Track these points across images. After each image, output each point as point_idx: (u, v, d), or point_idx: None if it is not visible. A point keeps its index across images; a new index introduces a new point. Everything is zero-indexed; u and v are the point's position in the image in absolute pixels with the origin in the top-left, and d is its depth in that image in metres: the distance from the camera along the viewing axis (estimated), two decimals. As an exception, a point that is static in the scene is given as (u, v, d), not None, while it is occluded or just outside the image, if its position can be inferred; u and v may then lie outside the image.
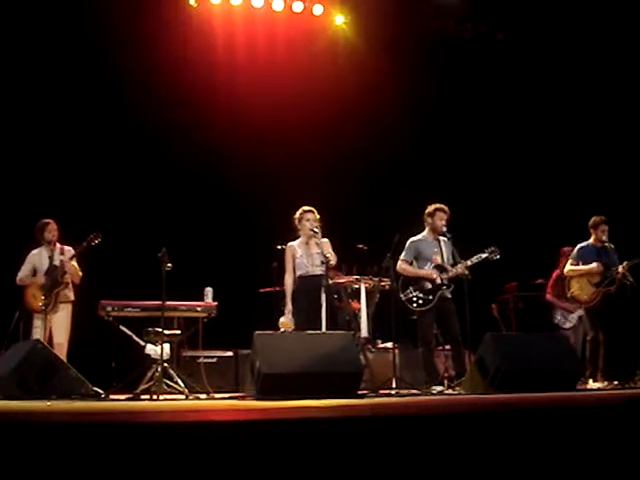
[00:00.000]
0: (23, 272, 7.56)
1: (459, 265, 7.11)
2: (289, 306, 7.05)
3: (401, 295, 7.19)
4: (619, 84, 10.17)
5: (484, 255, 7.19)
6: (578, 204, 9.43)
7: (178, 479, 2.66)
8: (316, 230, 7.02)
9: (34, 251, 7.59)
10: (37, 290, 7.43)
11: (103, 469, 2.62)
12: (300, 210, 7.22)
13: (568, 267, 8.13)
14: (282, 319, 7.01)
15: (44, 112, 9.05)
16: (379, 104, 9.86)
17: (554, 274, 8.84)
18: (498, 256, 7.24)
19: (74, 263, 7.49)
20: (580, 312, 8.38)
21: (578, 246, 8.13)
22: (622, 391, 6.80)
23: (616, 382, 7.55)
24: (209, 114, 9.55)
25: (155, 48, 9.25)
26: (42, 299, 7.31)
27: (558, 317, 8.82)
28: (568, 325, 8.68)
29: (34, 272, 7.54)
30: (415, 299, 7.14)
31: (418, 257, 7.30)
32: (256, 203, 9.41)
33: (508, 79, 10.64)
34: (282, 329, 6.99)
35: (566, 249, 8.64)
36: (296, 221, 7.22)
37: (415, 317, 7.18)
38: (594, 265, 7.90)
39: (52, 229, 7.53)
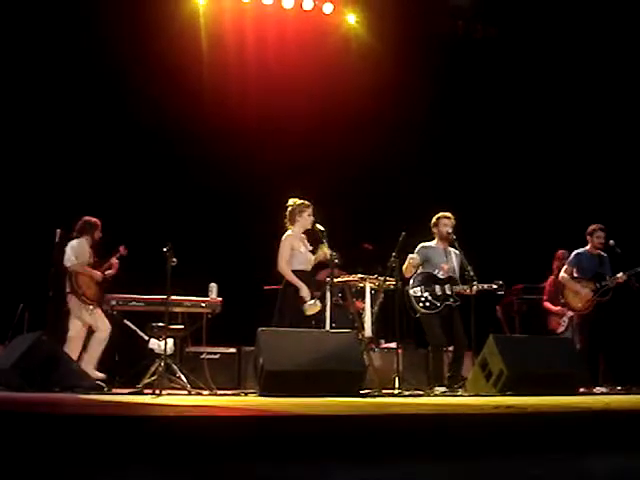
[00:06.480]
0: (80, 260, 7.49)
1: (470, 286, 7.08)
2: (305, 289, 6.82)
3: (410, 291, 7.17)
4: (626, 90, 10.16)
5: (494, 287, 7.19)
6: (584, 207, 9.41)
7: (178, 474, 2.66)
8: (322, 229, 6.98)
9: (82, 242, 7.57)
10: (90, 280, 7.45)
11: (104, 461, 2.62)
12: (300, 202, 7.08)
13: (562, 274, 8.11)
14: (308, 305, 6.73)
15: (52, 107, 9.06)
16: (389, 103, 9.86)
17: (550, 279, 8.81)
18: (502, 292, 7.34)
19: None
20: (569, 314, 8.37)
21: (574, 252, 8.10)
22: (626, 397, 6.78)
23: (619, 387, 7.54)
24: (218, 111, 9.54)
25: (164, 46, 9.24)
26: (96, 289, 7.37)
27: (553, 322, 8.76)
28: (561, 329, 8.62)
29: None
30: (423, 299, 7.13)
31: (426, 263, 7.30)
32: (263, 200, 9.39)
33: (517, 82, 10.63)
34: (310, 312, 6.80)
35: (561, 252, 8.64)
36: (295, 213, 7.07)
37: (418, 316, 7.18)
38: (585, 287, 7.91)
39: (100, 230, 7.65)
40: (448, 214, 7.37)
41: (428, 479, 2.89)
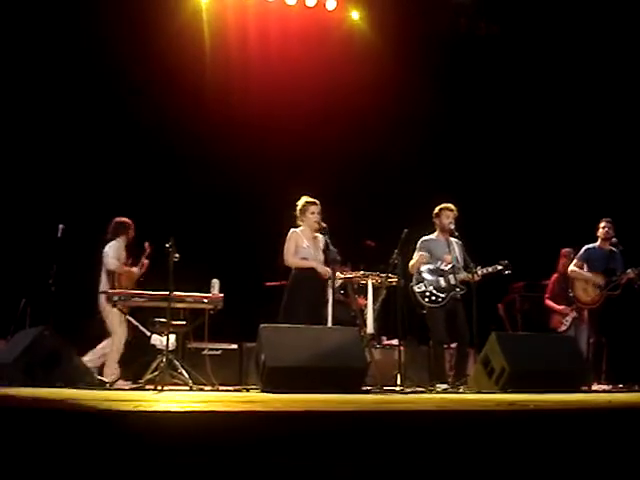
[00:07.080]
0: (120, 262, 7.61)
1: (475, 271, 7.08)
2: (321, 267, 6.98)
3: (415, 287, 7.19)
4: (629, 85, 10.15)
5: (499, 267, 7.19)
6: (588, 204, 9.40)
7: (180, 470, 2.66)
8: (324, 225, 6.99)
9: (120, 243, 7.65)
10: (128, 280, 7.55)
11: (106, 457, 2.62)
12: (305, 201, 7.14)
13: (572, 267, 8.12)
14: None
15: (54, 106, 9.08)
16: (392, 100, 9.86)
17: (553, 277, 8.79)
18: (510, 272, 7.25)
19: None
20: (574, 314, 8.36)
21: (585, 247, 8.11)
22: (627, 394, 6.77)
23: (621, 385, 7.53)
24: (219, 108, 9.55)
25: (164, 45, 9.24)
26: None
27: (555, 320, 8.75)
28: (563, 328, 8.62)
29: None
30: (428, 294, 7.15)
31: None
32: (265, 197, 9.40)
33: (519, 79, 10.63)
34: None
35: (566, 250, 8.63)
36: (301, 212, 7.14)
37: (424, 312, 7.19)
38: (596, 277, 7.90)
39: (133, 230, 7.73)
40: (451, 206, 7.37)
41: (429, 475, 2.89)
